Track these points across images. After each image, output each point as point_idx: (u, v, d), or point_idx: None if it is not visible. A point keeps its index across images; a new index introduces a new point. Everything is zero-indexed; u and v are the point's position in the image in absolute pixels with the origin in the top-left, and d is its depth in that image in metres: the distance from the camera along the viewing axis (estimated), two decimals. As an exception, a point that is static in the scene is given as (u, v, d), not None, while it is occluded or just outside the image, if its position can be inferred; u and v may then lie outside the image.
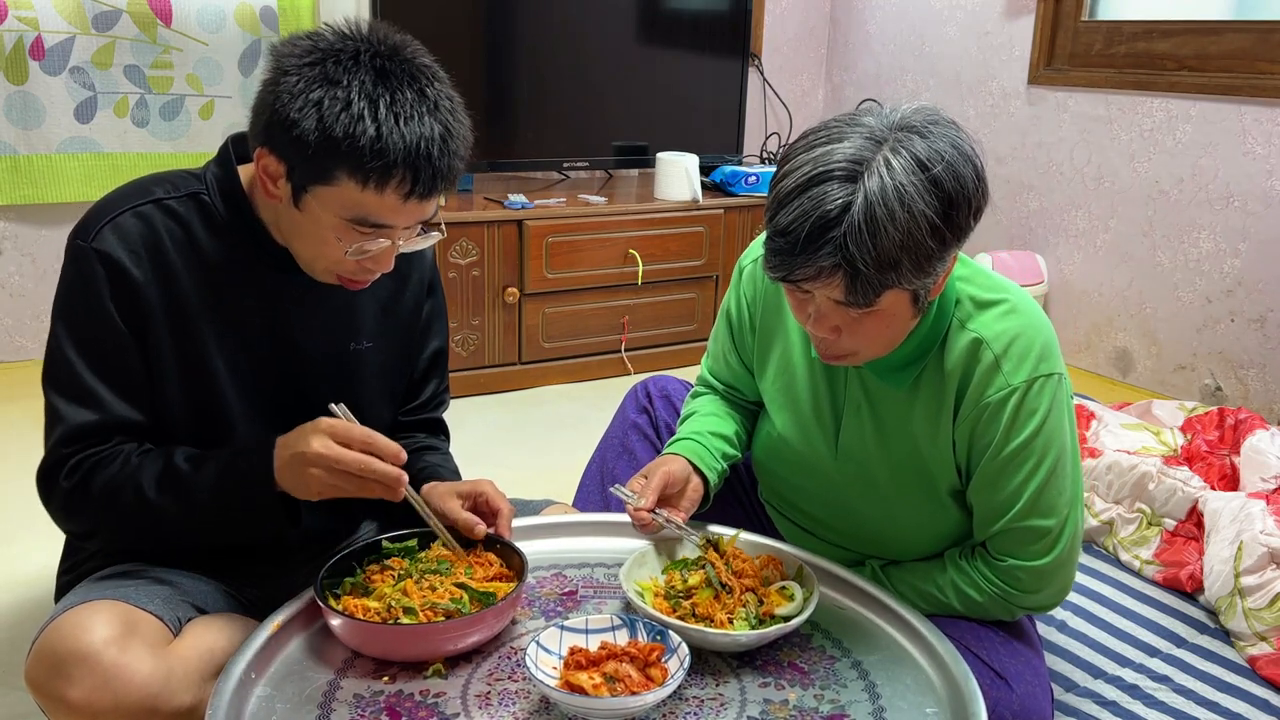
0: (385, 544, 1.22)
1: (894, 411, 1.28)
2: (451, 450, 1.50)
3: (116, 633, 1.08)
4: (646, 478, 1.32)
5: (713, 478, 1.38)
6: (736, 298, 1.45)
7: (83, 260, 1.17)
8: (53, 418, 1.18)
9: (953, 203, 1.07)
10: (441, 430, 1.51)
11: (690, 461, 1.37)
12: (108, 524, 1.19)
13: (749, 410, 1.52)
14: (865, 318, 1.13)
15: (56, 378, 1.18)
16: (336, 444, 1.09)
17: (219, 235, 1.21)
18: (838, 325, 1.15)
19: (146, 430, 1.21)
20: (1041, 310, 1.27)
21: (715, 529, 1.38)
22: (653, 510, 1.28)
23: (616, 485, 1.32)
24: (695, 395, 1.55)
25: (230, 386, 1.24)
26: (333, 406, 1.14)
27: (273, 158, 1.12)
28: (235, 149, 1.23)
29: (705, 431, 1.43)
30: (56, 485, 1.18)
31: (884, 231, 1.04)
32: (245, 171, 1.22)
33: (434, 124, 1.10)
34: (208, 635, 1.17)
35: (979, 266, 1.29)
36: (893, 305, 1.13)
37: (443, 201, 2.93)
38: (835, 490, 1.37)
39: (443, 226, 1.24)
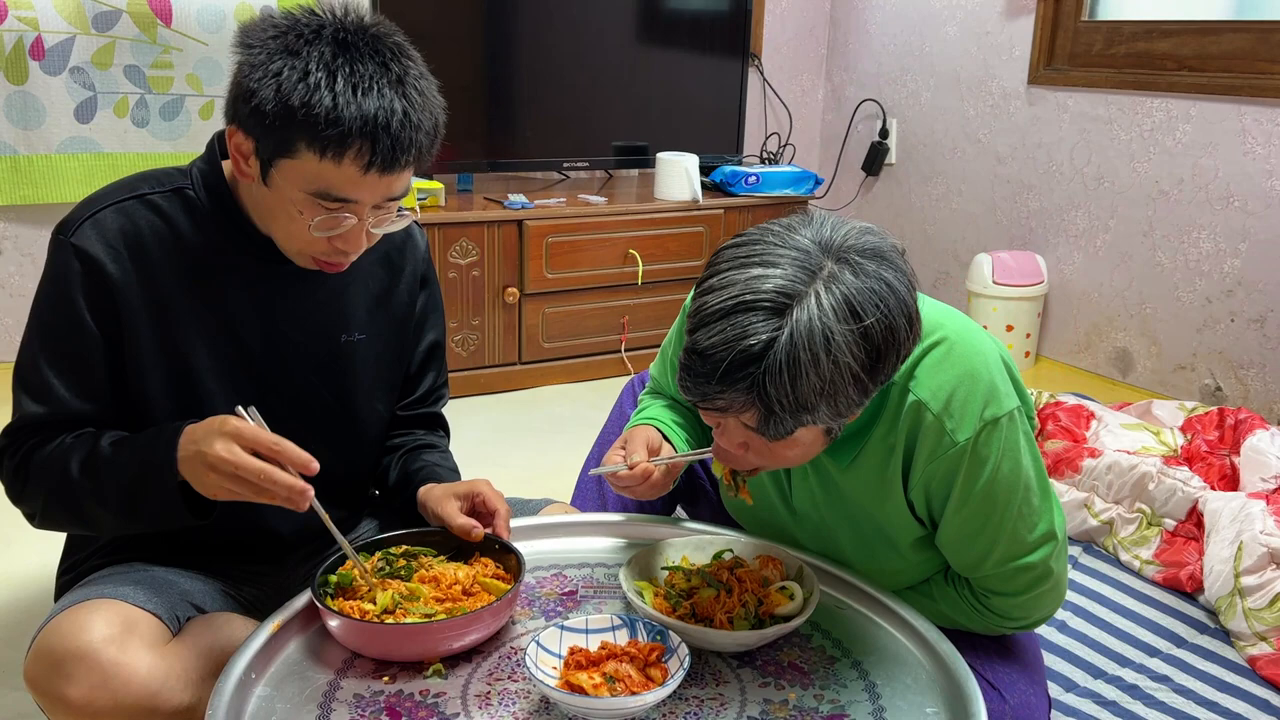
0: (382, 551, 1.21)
1: (842, 481, 1.25)
2: (451, 449, 1.50)
3: (116, 632, 1.08)
4: (625, 445, 1.29)
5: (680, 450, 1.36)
6: (680, 337, 1.41)
7: (60, 255, 1.18)
8: (14, 408, 1.21)
9: (881, 355, 1.02)
10: (440, 426, 1.51)
11: (660, 431, 1.36)
12: (41, 502, 1.19)
13: (699, 415, 1.49)
14: (774, 444, 1.09)
15: (21, 368, 1.21)
16: (241, 449, 1.05)
17: (203, 228, 1.22)
18: (745, 443, 1.12)
19: (100, 423, 1.21)
20: (979, 335, 1.19)
21: (716, 529, 1.38)
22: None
23: (596, 469, 1.28)
24: (647, 395, 1.52)
25: (215, 381, 1.24)
26: (240, 409, 1.10)
27: (241, 134, 1.13)
28: (220, 144, 1.24)
29: (668, 420, 1.41)
30: (1, 468, 1.20)
31: (805, 376, 0.98)
32: (229, 165, 1.22)
33: (394, 96, 1.09)
34: (207, 634, 1.17)
35: None
36: (804, 436, 1.09)
37: (433, 202, 2.93)
38: (799, 543, 1.34)
39: (417, 209, 1.24)
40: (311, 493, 1.07)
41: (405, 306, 1.39)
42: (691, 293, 1.11)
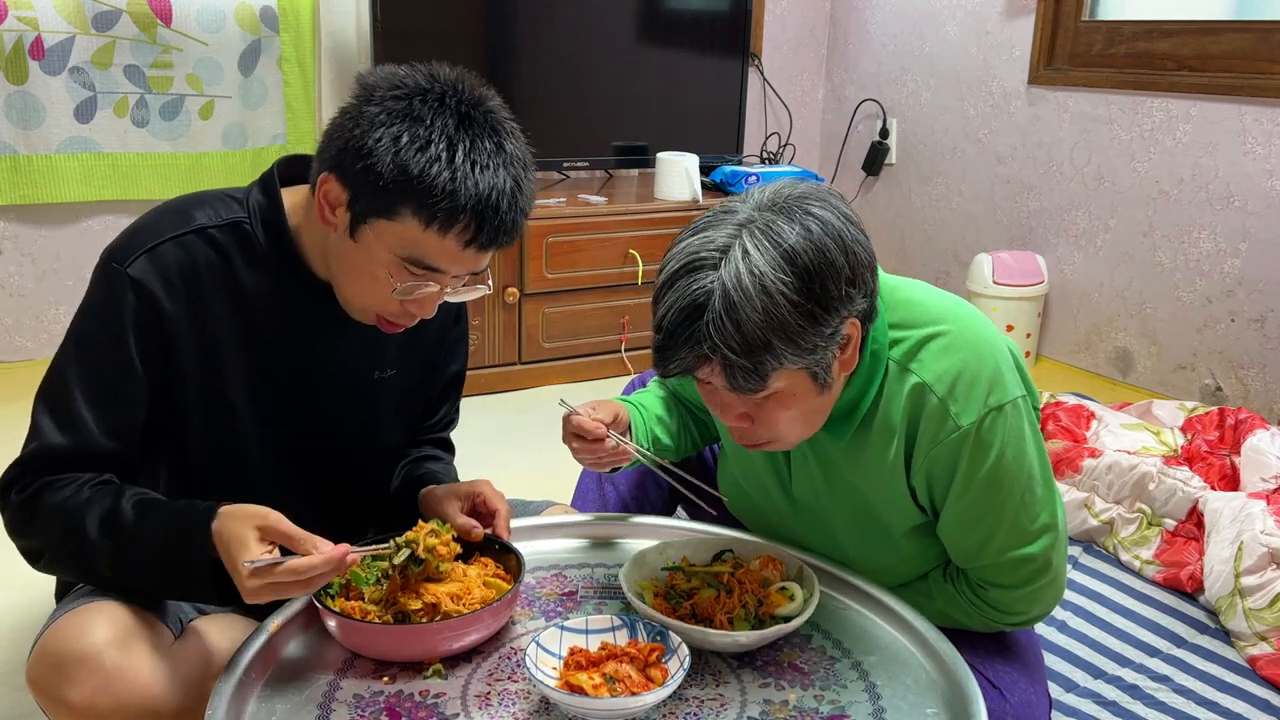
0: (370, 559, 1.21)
1: (840, 462, 1.25)
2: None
3: (118, 634, 1.08)
4: (595, 408, 1.30)
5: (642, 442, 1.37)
6: None
7: (115, 284, 1.14)
8: (32, 433, 1.15)
9: (814, 276, 1.04)
10: (448, 448, 1.52)
11: (634, 414, 1.36)
12: (49, 548, 1.15)
13: (697, 418, 1.49)
14: (766, 402, 1.11)
15: (49, 393, 1.16)
16: (277, 592, 1.03)
17: (257, 266, 1.20)
18: (746, 413, 1.13)
19: (120, 463, 1.17)
20: (987, 326, 1.21)
21: (716, 529, 1.38)
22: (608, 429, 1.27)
23: (563, 400, 1.31)
24: (656, 383, 1.52)
25: (249, 415, 1.22)
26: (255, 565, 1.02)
27: (337, 184, 1.11)
28: (281, 173, 1.21)
29: (652, 413, 1.41)
30: (8, 500, 1.15)
31: (744, 316, 1.02)
32: (289, 197, 1.20)
33: (507, 177, 1.09)
34: (209, 636, 1.17)
35: (913, 293, 1.23)
36: (791, 386, 1.09)
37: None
38: (794, 535, 1.35)
39: (490, 281, 1.21)
40: (349, 550, 1.06)
41: (436, 342, 1.39)
42: None
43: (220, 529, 1.06)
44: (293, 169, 1.23)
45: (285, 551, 1.05)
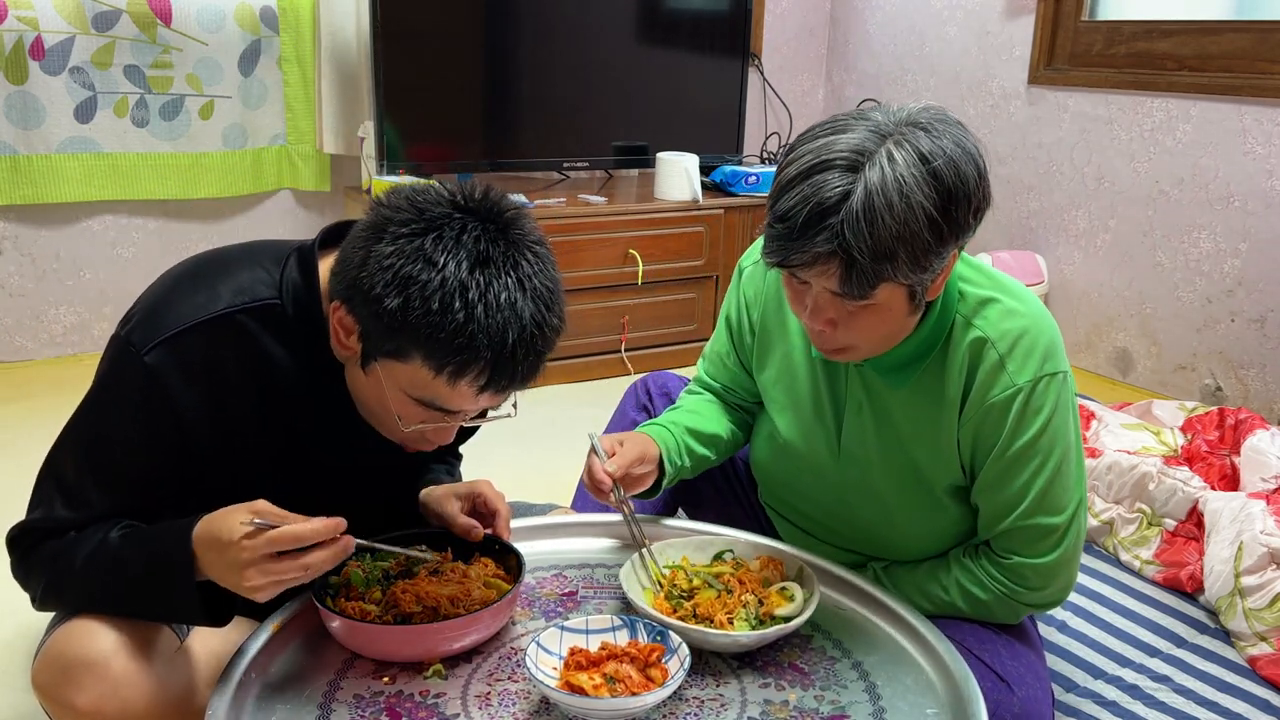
0: (368, 558, 1.21)
1: (895, 410, 1.28)
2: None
3: (125, 640, 1.08)
4: (622, 444, 1.31)
5: (669, 471, 1.38)
6: (737, 299, 1.45)
7: (128, 369, 1.09)
8: (42, 497, 1.13)
9: (952, 198, 1.08)
10: (456, 455, 1.51)
11: (664, 446, 1.37)
12: (43, 588, 1.12)
13: (745, 410, 1.52)
14: (861, 311, 1.14)
15: (58, 468, 1.13)
16: (275, 566, 1.00)
17: (284, 350, 1.14)
18: (834, 318, 1.15)
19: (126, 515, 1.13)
20: (1046, 308, 1.27)
21: (716, 529, 1.38)
22: (615, 483, 1.27)
23: (593, 434, 1.32)
24: (689, 393, 1.55)
25: (270, 487, 1.14)
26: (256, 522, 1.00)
27: (349, 316, 1.06)
28: (327, 234, 1.17)
29: (683, 426, 1.42)
30: (14, 553, 1.14)
31: (881, 221, 1.04)
32: (326, 265, 1.13)
33: (529, 321, 1.02)
34: (215, 640, 1.17)
35: (983, 264, 1.29)
36: (889, 300, 1.13)
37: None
38: (835, 492, 1.37)
39: (515, 406, 1.15)
40: (343, 523, 1.03)
41: None
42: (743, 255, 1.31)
43: (205, 530, 1.02)
44: (337, 232, 1.17)
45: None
